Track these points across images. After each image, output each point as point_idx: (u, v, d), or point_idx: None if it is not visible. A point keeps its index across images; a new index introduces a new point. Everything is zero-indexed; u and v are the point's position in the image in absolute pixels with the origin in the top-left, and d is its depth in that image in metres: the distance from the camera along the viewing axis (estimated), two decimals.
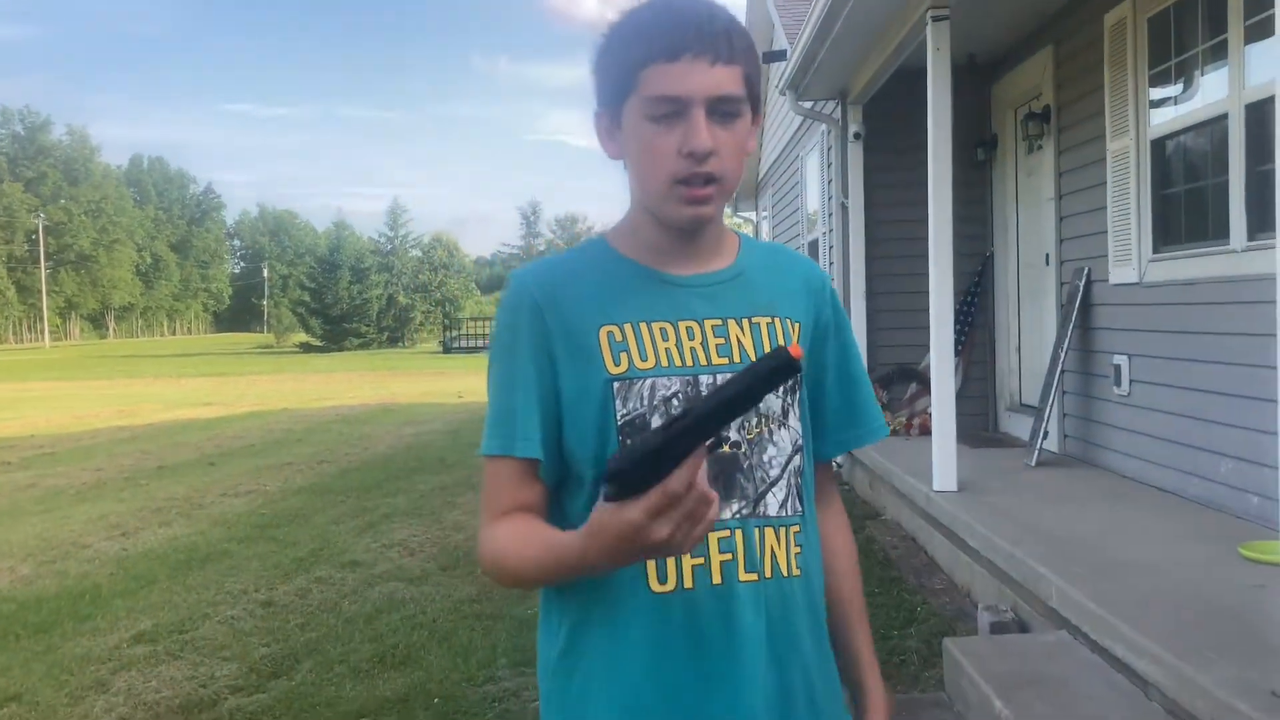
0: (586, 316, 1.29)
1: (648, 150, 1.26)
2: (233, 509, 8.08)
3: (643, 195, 1.32)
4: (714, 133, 1.23)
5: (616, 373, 1.27)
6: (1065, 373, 6.50)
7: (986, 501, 5.31)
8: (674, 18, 1.24)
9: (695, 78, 1.22)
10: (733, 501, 1.30)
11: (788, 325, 1.38)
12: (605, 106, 1.31)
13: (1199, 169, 5.14)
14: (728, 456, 1.31)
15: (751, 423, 1.32)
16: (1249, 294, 4.57)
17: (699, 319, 1.32)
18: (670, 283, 1.33)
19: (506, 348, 1.31)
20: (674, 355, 1.29)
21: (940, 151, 5.53)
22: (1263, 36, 4.49)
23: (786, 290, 1.41)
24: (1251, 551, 4.04)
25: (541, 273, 1.35)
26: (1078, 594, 3.68)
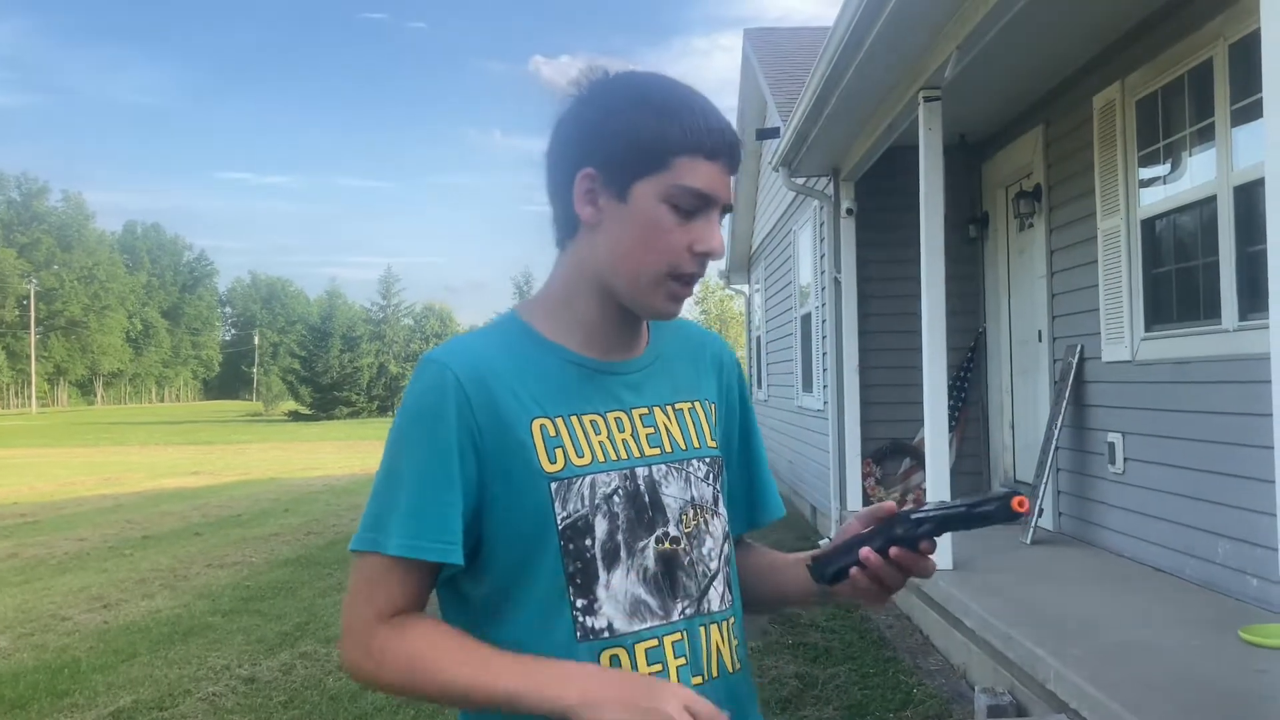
0: (516, 408, 1.19)
1: (660, 237, 1.20)
2: (217, 581, 7.95)
3: (620, 274, 1.22)
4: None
5: (553, 471, 1.18)
6: (1059, 450, 6.48)
7: (982, 580, 5.25)
8: (708, 117, 1.20)
9: (721, 182, 1.21)
10: (679, 601, 1.23)
11: (706, 406, 1.35)
12: (606, 172, 1.21)
13: (1189, 249, 5.18)
14: (670, 554, 1.23)
15: (689, 514, 1.26)
16: (1242, 373, 4.58)
17: (626, 408, 1.26)
18: (597, 370, 1.26)
19: (426, 433, 1.18)
20: (608, 449, 1.22)
21: (933, 228, 5.58)
22: (1249, 120, 4.56)
23: (699, 369, 1.38)
24: (1252, 635, 3.99)
25: (463, 355, 1.22)
26: (1076, 677, 3.62)
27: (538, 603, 1.18)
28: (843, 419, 8.16)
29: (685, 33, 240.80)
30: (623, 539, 1.20)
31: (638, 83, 1.24)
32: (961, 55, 5.04)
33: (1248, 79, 4.55)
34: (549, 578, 1.18)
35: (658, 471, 1.25)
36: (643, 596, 1.20)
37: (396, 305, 72.14)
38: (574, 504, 1.19)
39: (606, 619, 1.18)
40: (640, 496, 1.22)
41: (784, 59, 11.16)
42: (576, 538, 1.18)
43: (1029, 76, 6.52)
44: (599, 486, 1.20)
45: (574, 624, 1.18)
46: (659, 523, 1.23)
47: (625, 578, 1.20)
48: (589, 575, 1.18)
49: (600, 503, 1.20)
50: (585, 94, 1.23)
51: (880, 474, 8.16)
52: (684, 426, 1.30)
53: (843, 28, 5.44)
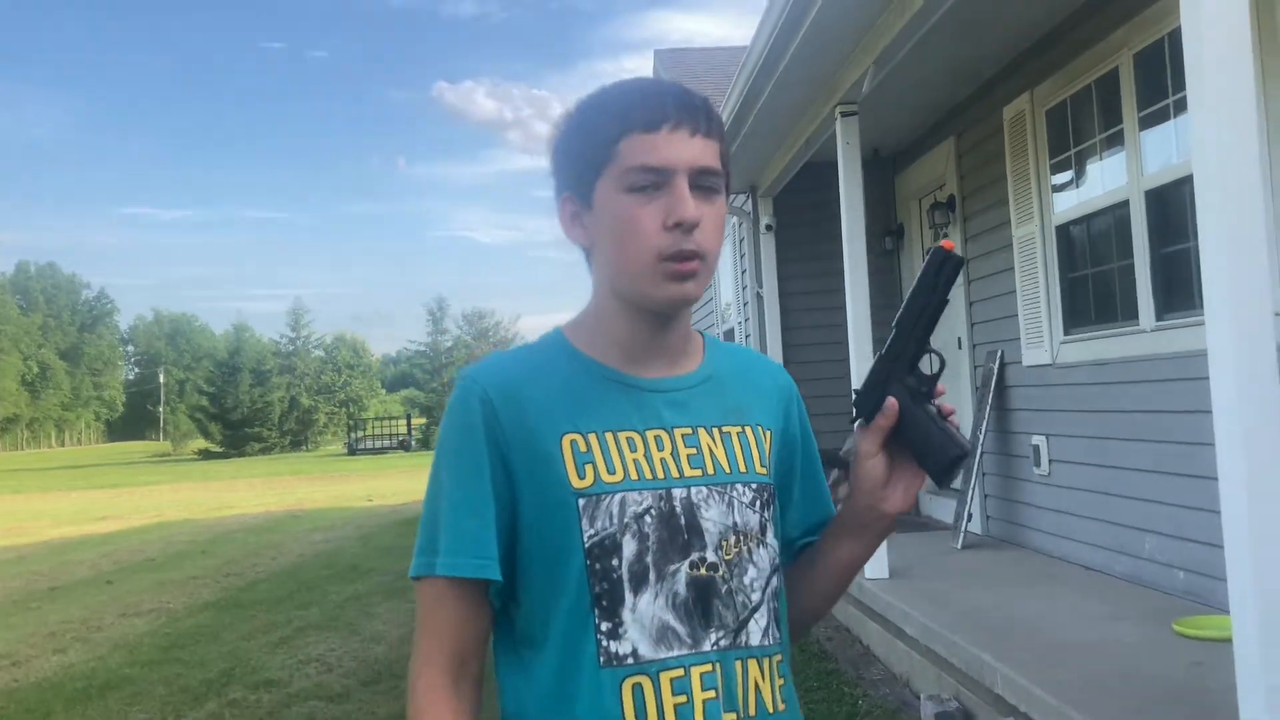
0: (547, 423, 1.18)
1: (629, 224, 1.16)
2: (134, 630, 7.62)
3: (620, 277, 1.20)
4: (698, 206, 1.16)
5: (581, 487, 1.15)
6: (985, 454, 6.58)
7: (920, 587, 5.28)
8: (649, 90, 1.19)
9: (677, 147, 1.15)
10: (711, 631, 1.17)
11: (759, 433, 1.29)
12: (572, 189, 1.22)
13: (1104, 252, 5.31)
14: (705, 580, 1.18)
15: (730, 541, 1.21)
16: (1160, 372, 4.70)
17: (668, 427, 1.21)
18: (637, 387, 1.22)
19: (457, 453, 1.18)
20: (643, 467, 1.18)
21: (855, 241, 5.63)
22: (1157, 124, 4.70)
23: (757, 395, 1.33)
24: (1185, 628, 4.07)
25: (495, 371, 1.22)
26: (1023, 679, 3.65)
27: (563, 625, 1.16)
28: None
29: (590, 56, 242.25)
30: (652, 561, 1.16)
31: (587, 96, 1.23)
32: (877, 70, 5.11)
33: (1154, 87, 4.70)
34: (574, 598, 1.15)
35: (697, 494, 1.20)
36: (671, 623, 1.16)
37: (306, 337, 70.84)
38: (602, 521, 1.15)
39: (631, 644, 1.14)
40: (675, 518, 1.18)
41: (697, 80, 11.22)
42: (604, 557, 1.15)
43: (940, 90, 6.65)
44: (629, 505, 1.16)
45: (597, 649, 1.14)
46: (695, 547, 1.18)
47: (653, 602, 1.16)
48: (615, 597, 1.15)
49: (630, 521, 1.16)
50: (555, 133, 1.25)
51: None
52: (730, 450, 1.25)
53: (760, 46, 5.48)
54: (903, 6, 4.58)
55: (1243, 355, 2.37)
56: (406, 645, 6.52)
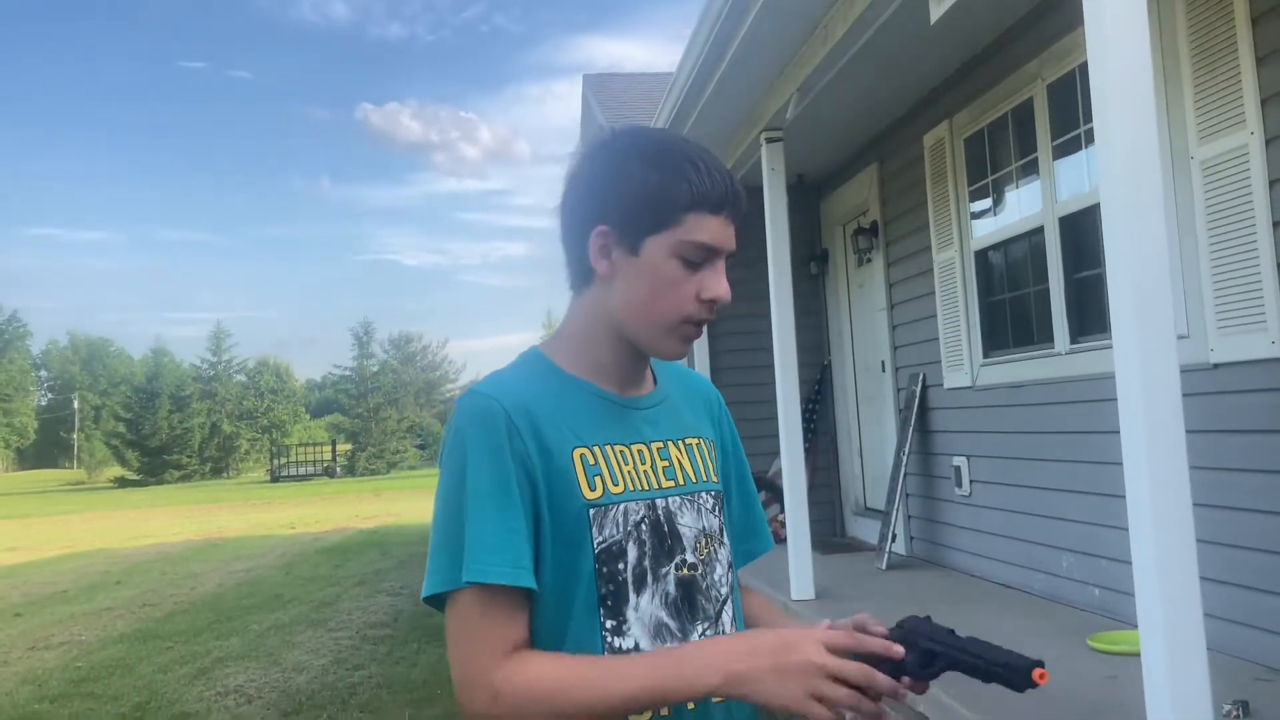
0: (559, 437, 1.27)
1: (671, 287, 1.29)
2: (43, 664, 7.36)
3: (637, 322, 1.32)
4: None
5: (593, 498, 1.26)
6: (908, 475, 6.69)
7: (845, 608, 5.33)
8: (712, 173, 1.29)
9: (725, 233, 1.31)
10: (698, 623, 1.32)
11: (709, 445, 1.45)
12: (617, 228, 1.30)
13: (1021, 277, 5.46)
14: (688, 579, 1.33)
15: (702, 543, 1.35)
16: (1075, 394, 4.83)
17: (647, 442, 1.35)
18: (622, 405, 1.36)
19: (487, 468, 1.23)
20: (636, 479, 1.31)
21: (780, 265, 5.71)
22: (1070, 153, 4.85)
23: (697, 409, 1.48)
24: (1099, 643, 4.17)
25: (509, 390, 1.30)
26: (945, 697, 3.70)
27: (575, 626, 1.25)
28: None
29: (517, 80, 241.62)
30: (649, 565, 1.30)
31: (647, 142, 1.32)
32: (801, 97, 5.20)
33: (1066, 116, 4.85)
34: (584, 600, 1.25)
35: (673, 502, 1.34)
36: (664, 619, 1.30)
37: (228, 362, 69.42)
38: (609, 530, 1.27)
39: (634, 639, 1.27)
40: (661, 525, 1.32)
41: (625, 105, 11.31)
42: (611, 562, 1.26)
43: (863, 117, 6.78)
44: (630, 514, 1.29)
45: (603, 644, 1.25)
46: (677, 550, 1.33)
47: (651, 601, 1.29)
48: (620, 598, 1.27)
49: (631, 529, 1.29)
50: (595, 151, 1.34)
51: None
52: (694, 461, 1.39)
53: (686, 71, 5.54)
54: (824, 36, 4.68)
55: (1148, 377, 2.45)
56: (329, 674, 6.41)
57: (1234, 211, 3.72)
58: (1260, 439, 3.72)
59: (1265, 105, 3.60)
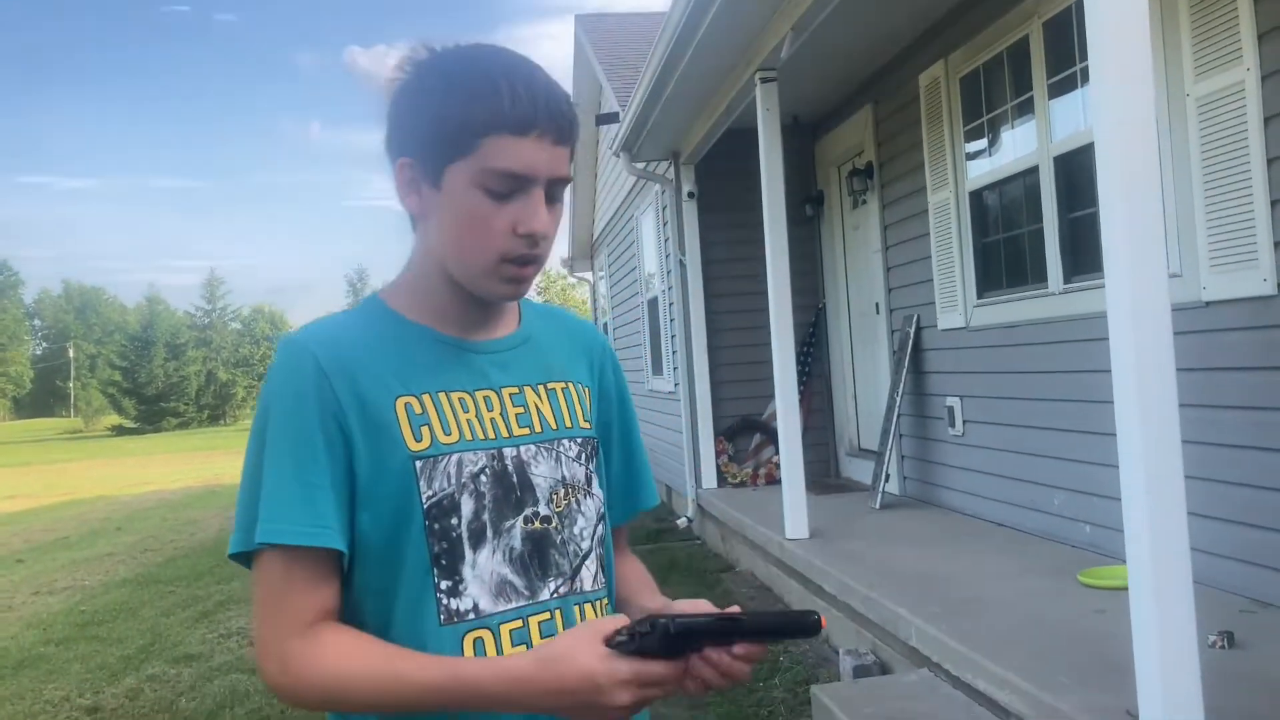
0: (380, 387, 1.17)
1: (477, 222, 1.16)
2: (48, 608, 7.46)
3: (456, 264, 1.20)
4: (546, 214, 1.19)
5: (419, 449, 1.16)
6: (901, 417, 6.73)
7: (838, 547, 5.40)
8: (520, 86, 1.14)
9: (541, 156, 1.15)
10: (549, 580, 1.22)
11: (580, 389, 1.34)
12: (417, 159, 1.18)
13: (1016, 217, 5.45)
14: (539, 533, 1.22)
15: (560, 494, 1.25)
16: (1068, 333, 4.85)
17: (496, 388, 1.24)
18: (464, 348, 1.24)
19: (286, 417, 1.14)
20: (476, 427, 1.20)
21: (775, 207, 5.69)
22: (1065, 93, 4.82)
23: (572, 353, 1.37)
24: (1089, 578, 4.24)
25: (325, 337, 1.20)
26: (936, 632, 3.77)
27: (402, 587, 1.16)
28: (694, 399, 8.27)
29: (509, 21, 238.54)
30: (489, 519, 1.19)
31: (448, 62, 1.18)
32: (796, 36, 5.15)
33: (1062, 54, 4.81)
34: (414, 559, 1.16)
35: (526, 451, 1.24)
36: (509, 577, 1.19)
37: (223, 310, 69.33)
38: (440, 482, 1.16)
39: (472, 599, 1.17)
40: (508, 476, 1.21)
41: (618, 45, 11.20)
42: (442, 517, 1.16)
43: (858, 57, 6.72)
44: (465, 465, 1.18)
45: (438, 607, 1.15)
46: (528, 502, 1.22)
47: (491, 557, 1.19)
48: (455, 555, 1.17)
49: (467, 481, 1.18)
50: (404, 79, 1.19)
51: (733, 451, 8.31)
52: (556, 406, 1.29)
53: (679, 10, 5.48)
54: None
55: (1140, 315, 2.46)
56: None
57: (1229, 148, 3.71)
58: (1250, 376, 3.74)
59: (1262, 40, 3.57)
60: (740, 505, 7.08)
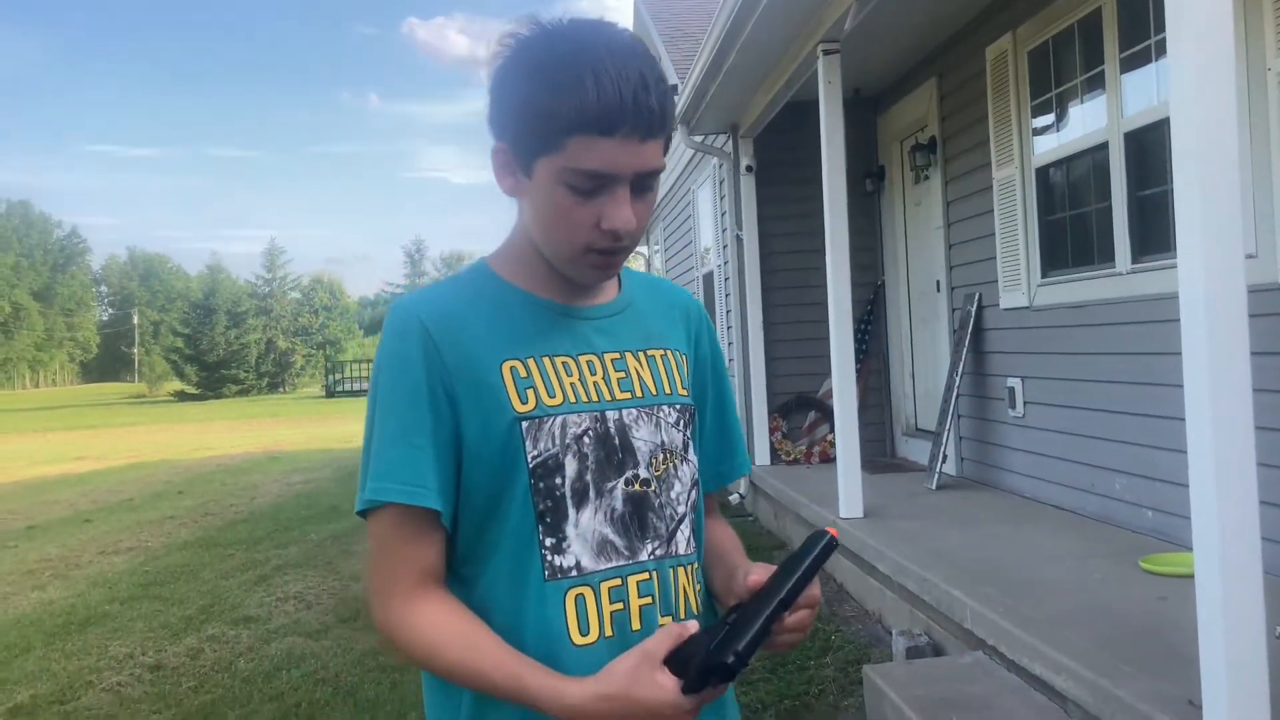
0: (486, 351, 1.21)
1: (561, 217, 1.18)
2: (113, 567, 7.65)
3: (545, 250, 1.24)
4: (634, 207, 1.19)
5: (524, 411, 1.20)
6: (960, 397, 6.64)
7: (893, 527, 5.35)
8: (611, 85, 1.11)
9: (625, 155, 1.14)
10: (647, 542, 1.25)
11: (677, 356, 1.36)
12: (513, 148, 1.20)
13: (1083, 195, 5.32)
14: (639, 495, 1.26)
15: (659, 458, 1.28)
16: (1135, 314, 4.74)
17: (598, 352, 1.27)
18: (568, 315, 1.27)
19: (397, 383, 1.20)
20: (579, 390, 1.24)
21: (835, 182, 5.61)
22: (1138, 67, 4.69)
23: (670, 320, 1.39)
24: (1151, 564, 4.15)
25: (432, 303, 1.24)
26: (992, 614, 3.72)
27: (510, 543, 1.21)
28: (749, 375, 8.22)
29: None
30: (592, 479, 1.23)
31: (541, 48, 1.16)
32: (860, 7, 5.06)
33: (1135, 27, 4.67)
34: (519, 517, 1.20)
35: (628, 415, 1.26)
36: (610, 536, 1.23)
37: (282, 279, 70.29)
38: (544, 443, 1.20)
39: (574, 557, 1.21)
40: (610, 439, 1.24)
41: (678, 15, 11.10)
42: (547, 476, 1.20)
43: (923, 29, 6.59)
44: (569, 427, 1.21)
45: (542, 563, 1.20)
46: (629, 465, 1.25)
47: (594, 517, 1.22)
48: (559, 514, 1.21)
49: (570, 443, 1.21)
50: (503, 58, 1.19)
51: (786, 428, 8.26)
52: (655, 372, 1.31)
53: None
54: None
55: (1214, 296, 2.39)
56: None
57: None
58: None
59: None
60: (794, 483, 7.04)
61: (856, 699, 4.01)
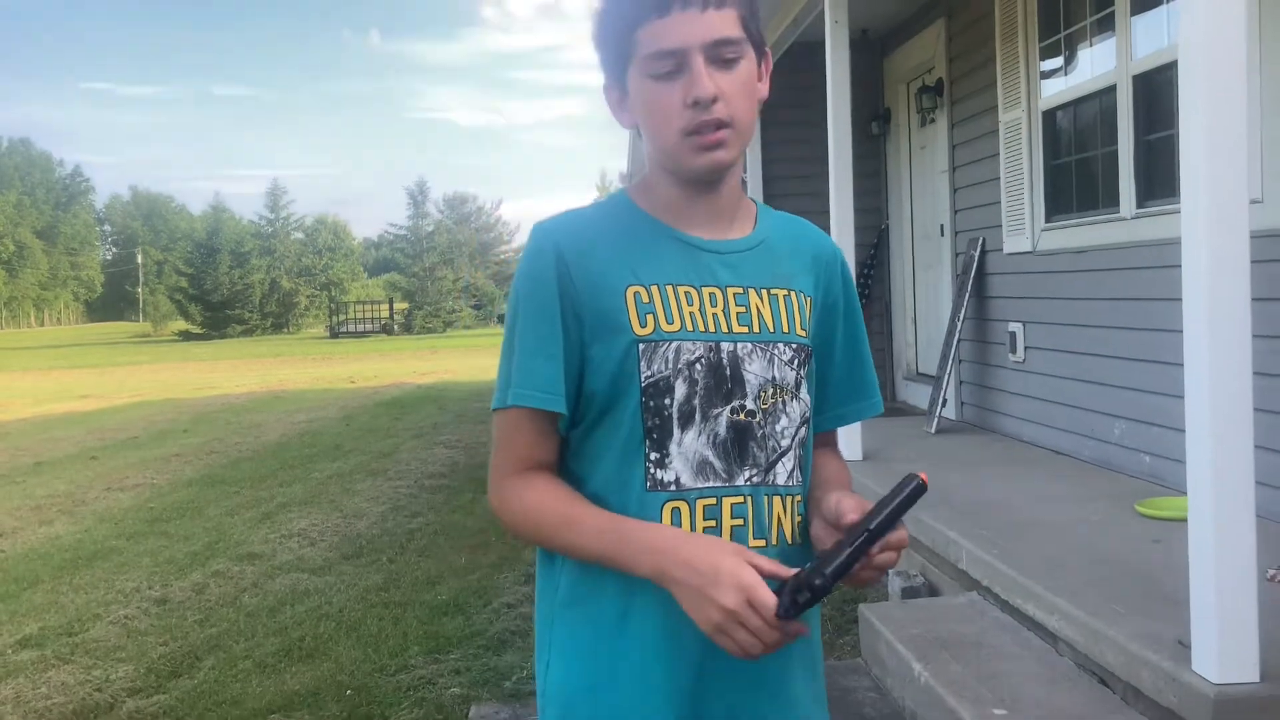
0: (613, 275, 1.29)
1: (655, 108, 1.27)
2: (119, 504, 7.72)
3: (659, 154, 1.32)
4: (716, 78, 1.24)
5: (643, 334, 1.28)
6: (962, 341, 6.64)
7: (892, 469, 5.39)
8: None
9: (688, 27, 1.23)
10: (745, 469, 1.32)
11: (801, 298, 1.40)
12: (611, 78, 1.33)
13: (1089, 139, 5.28)
14: (743, 424, 1.32)
15: (768, 392, 1.34)
16: (1138, 259, 4.73)
17: (722, 285, 1.33)
18: (695, 246, 1.33)
19: (531, 298, 1.29)
20: (698, 320, 1.30)
21: (840, 124, 5.57)
22: (1148, 8, 4.62)
23: (801, 263, 1.42)
24: (1147, 508, 4.19)
25: (568, 227, 1.33)
26: (987, 556, 3.76)
27: (618, 451, 1.30)
28: None
29: None
30: (699, 404, 1.30)
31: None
32: None
33: None
34: (629, 430, 1.29)
35: (742, 349, 1.33)
36: (710, 458, 1.30)
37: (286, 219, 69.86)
38: (658, 365, 1.28)
39: (675, 473, 1.29)
40: (722, 368, 1.31)
41: None
42: (657, 396, 1.28)
43: None
44: (684, 353, 1.29)
45: (645, 474, 1.29)
46: (736, 395, 1.32)
47: (697, 439, 1.30)
48: (664, 432, 1.29)
49: (683, 368, 1.29)
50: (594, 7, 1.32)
51: None
52: (775, 311, 1.36)
53: None
54: None
55: (1215, 240, 2.38)
56: (388, 521, 6.67)
57: None
58: None
59: None
60: None
61: (852, 637, 4.07)
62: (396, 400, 15.21)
